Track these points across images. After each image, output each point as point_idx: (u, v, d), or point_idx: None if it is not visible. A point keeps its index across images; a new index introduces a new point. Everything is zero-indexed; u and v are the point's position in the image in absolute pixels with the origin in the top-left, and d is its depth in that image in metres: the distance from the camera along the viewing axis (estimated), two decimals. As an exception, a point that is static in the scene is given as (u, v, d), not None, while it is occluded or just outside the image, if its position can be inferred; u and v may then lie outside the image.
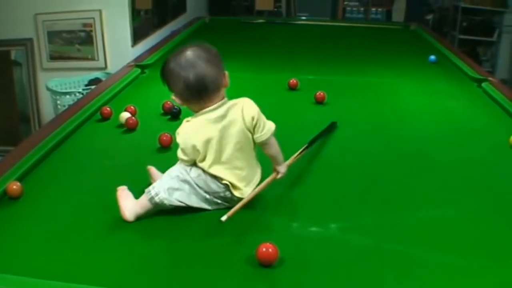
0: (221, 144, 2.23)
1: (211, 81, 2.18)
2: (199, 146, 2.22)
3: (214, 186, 2.26)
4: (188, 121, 2.29)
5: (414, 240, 2.14)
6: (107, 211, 2.26)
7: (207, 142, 2.22)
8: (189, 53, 2.19)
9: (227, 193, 2.28)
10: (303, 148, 2.76)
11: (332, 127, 3.21)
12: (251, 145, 2.31)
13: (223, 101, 2.25)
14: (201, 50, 2.21)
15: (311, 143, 2.87)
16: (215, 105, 2.23)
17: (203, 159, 2.25)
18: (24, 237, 2.11)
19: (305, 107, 3.63)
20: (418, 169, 2.78)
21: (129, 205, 2.22)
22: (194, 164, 2.28)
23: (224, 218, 2.13)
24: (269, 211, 2.32)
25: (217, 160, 2.25)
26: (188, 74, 2.16)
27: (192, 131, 2.25)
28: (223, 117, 2.23)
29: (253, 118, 2.24)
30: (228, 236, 2.13)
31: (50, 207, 2.33)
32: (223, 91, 2.26)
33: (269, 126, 2.28)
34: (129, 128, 3.17)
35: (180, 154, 2.28)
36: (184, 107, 2.89)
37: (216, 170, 2.25)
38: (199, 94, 2.19)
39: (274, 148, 2.34)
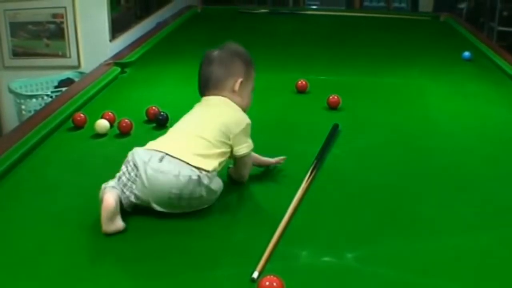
0: (189, 114, 2.68)
1: (213, 81, 2.66)
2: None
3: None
4: None
5: (445, 271, 2.13)
6: (80, 238, 2.26)
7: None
8: (216, 51, 2.72)
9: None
10: (313, 167, 2.81)
11: (335, 132, 3.24)
12: (214, 138, 2.49)
13: (224, 98, 2.64)
14: (225, 51, 2.72)
15: (319, 158, 2.91)
16: (211, 96, 2.67)
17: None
18: (-19, 268, 2.10)
19: (316, 113, 3.63)
20: (449, 187, 2.78)
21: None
22: None
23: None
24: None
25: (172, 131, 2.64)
26: (202, 69, 2.70)
27: None
28: (210, 100, 2.67)
29: (236, 126, 2.54)
30: (223, 268, 2.12)
31: (11, 233, 2.32)
32: (233, 95, 2.65)
33: (249, 145, 2.58)
34: (122, 132, 3.21)
35: None
36: (172, 113, 2.93)
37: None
38: (201, 89, 2.71)
39: (241, 170, 2.66)
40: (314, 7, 8.64)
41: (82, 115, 3.34)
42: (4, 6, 5.12)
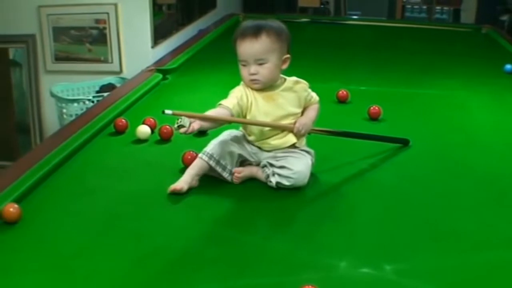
0: None
1: None
2: None
3: None
4: None
5: (485, 286, 2.10)
6: (117, 243, 2.28)
7: None
8: None
9: None
10: (343, 132, 3.05)
11: (400, 142, 3.28)
12: None
13: None
14: None
15: (355, 136, 3.11)
16: None
17: None
18: (20, 269, 2.11)
19: (357, 124, 3.60)
20: (490, 200, 2.75)
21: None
22: None
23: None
24: (312, 247, 2.31)
25: None
26: None
27: None
28: None
29: None
30: (262, 277, 2.12)
31: (51, 235, 2.34)
32: None
33: None
34: (163, 138, 3.21)
35: None
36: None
37: None
38: None
39: None
40: (355, 17, 8.60)
41: (123, 120, 3.36)
42: (47, 11, 5.16)
